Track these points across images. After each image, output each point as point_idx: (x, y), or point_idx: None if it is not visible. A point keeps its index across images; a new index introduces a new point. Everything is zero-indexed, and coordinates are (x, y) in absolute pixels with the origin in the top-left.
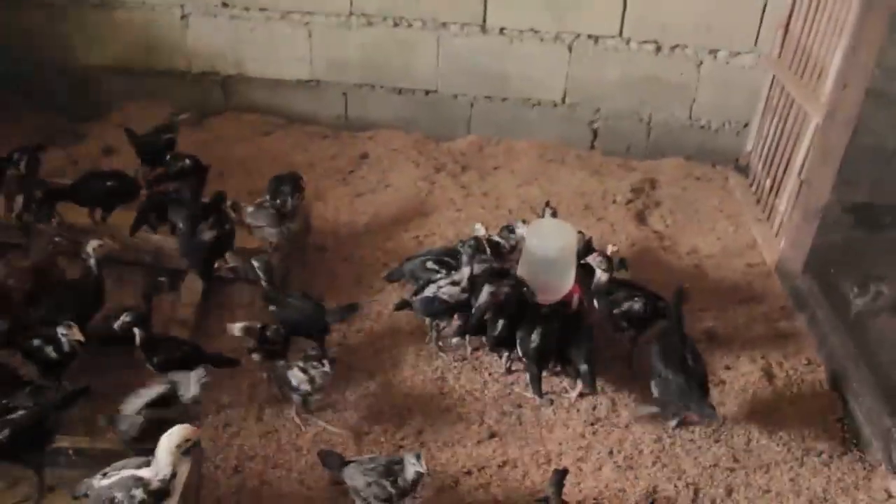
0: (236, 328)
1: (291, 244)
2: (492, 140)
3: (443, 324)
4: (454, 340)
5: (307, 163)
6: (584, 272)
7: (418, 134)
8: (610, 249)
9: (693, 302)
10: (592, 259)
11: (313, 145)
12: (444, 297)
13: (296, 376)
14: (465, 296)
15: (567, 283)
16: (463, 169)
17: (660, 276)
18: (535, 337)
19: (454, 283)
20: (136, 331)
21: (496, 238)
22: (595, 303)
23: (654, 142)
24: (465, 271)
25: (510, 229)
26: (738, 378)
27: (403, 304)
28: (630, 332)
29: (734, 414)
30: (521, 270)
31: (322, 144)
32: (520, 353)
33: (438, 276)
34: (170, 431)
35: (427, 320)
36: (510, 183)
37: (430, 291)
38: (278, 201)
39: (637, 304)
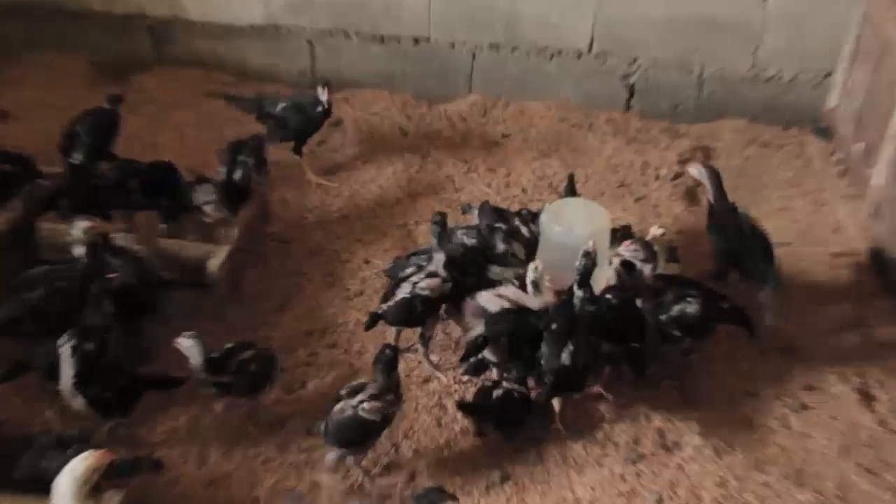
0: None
1: (245, 236)
2: (499, 101)
3: (430, 331)
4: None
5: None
6: (623, 270)
7: (406, 94)
8: (653, 233)
9: (755, 299)
10: (626, 249)
11: None
12: (425, 293)
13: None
14: (448, 284)
15: (599, 278)
16: (463, 138)
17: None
18: (565, 356)
19: (432, 275)
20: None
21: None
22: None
23: (708, 100)
24: (439, 258)
25: (528, 216)
26: (825, 402)
27: (374, 319)
28: (683, 343)
29: (822, 449)
30: (538, 258)
31: None
32: (543, 373)
33: (409, 270)
34: (70, 467)
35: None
36: (523, 156)
37: (404, 292)
38: (238, 174)
39: (692, 307)
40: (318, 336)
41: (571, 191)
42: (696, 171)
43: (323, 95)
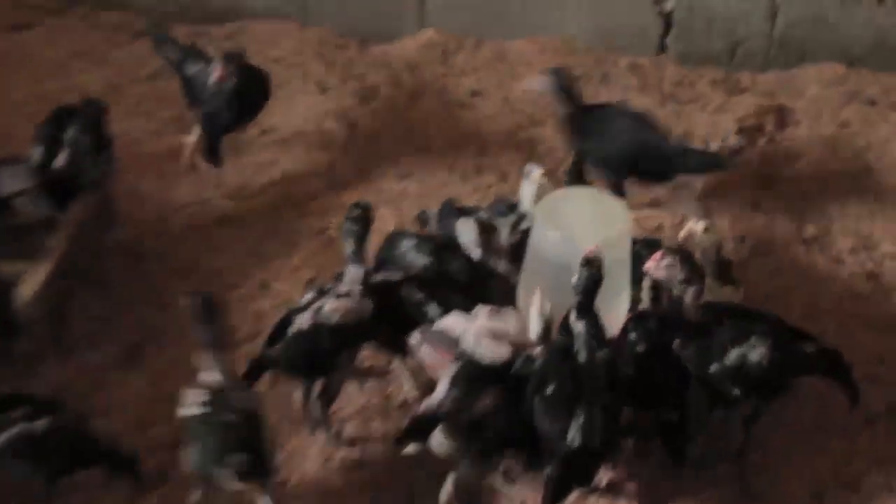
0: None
1: (75, 247)
2: (466, 40)
3: (338, 385)
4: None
5: (105, 86)
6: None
7: (324, 29)
8: (691, 231)
9: (858, 341)
10: (656, 265)
11: (116, 52)
12: (332, 320)
13: None
14: (368, 306)
15: (615, 313)
16: (412, 97)
17: (799, 295)
18: (573, 434)
19: (342, 296)
20: None
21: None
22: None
23: (784, 37)
24: (355, 272)
25: (505, 208)
26: None
27: (258, 367)
28: (745, 406)
29: None
30: (524, 285)
31: (134, 51)
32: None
33: (307, 297)
34: None
35: (305, 384)
36: (503, 124)
37: (303, 322)
38: (64, 157)
39: (757, 351)
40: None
41: (577, 177)
42: (538, 83)
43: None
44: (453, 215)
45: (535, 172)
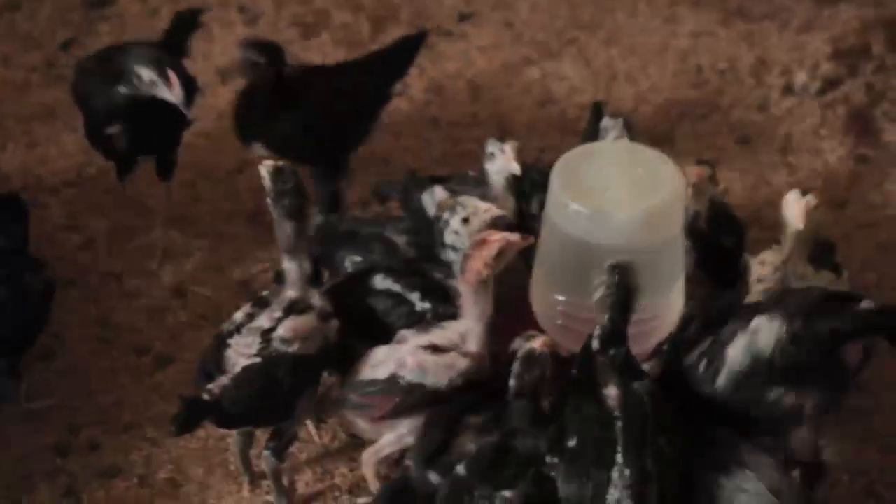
0: None
1: None
2: None
3: (293, 428)
4: None
5: None
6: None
7: None
8: (796, 205)
9: None
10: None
11: None
12: (292, 348)
13: None
14: (334, 324)
15: (667, 313)
16: (377, 24)
17: None
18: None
19: (298, 308)
20: None
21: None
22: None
23: None
24: (296, 271)
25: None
26: None
27: (194, 416)
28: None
29: None
30: (538, 275)
31: None
32: None
33: (242, 312)
34: None
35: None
36: (501, 56)
37: (248, 349)
38: None
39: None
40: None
41: (598, 132)
42: None
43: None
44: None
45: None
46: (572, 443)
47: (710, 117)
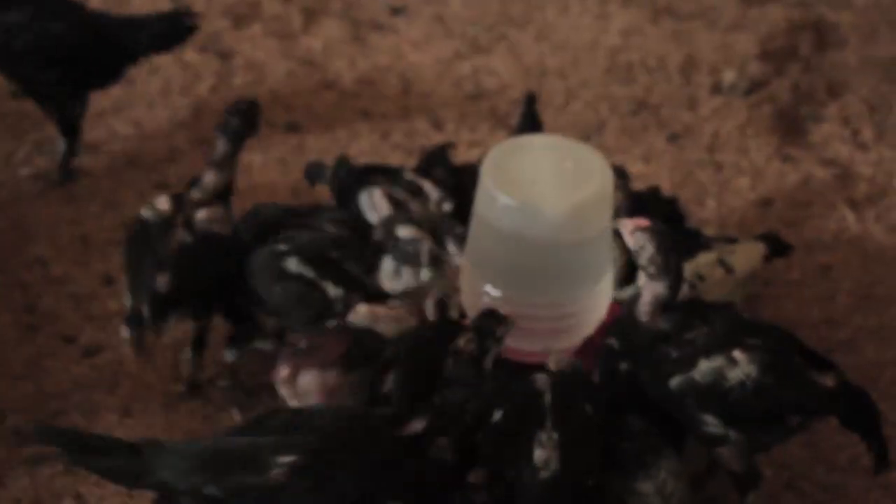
0: None
1: None
2: None
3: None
4: None
5: None
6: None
7: None
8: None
9: None
10: (632, 229)
11: None
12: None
13: None
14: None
15: (595, 307)
16: (309, 16)
17: (846, 277)
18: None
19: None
20: None
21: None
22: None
23: None
24: (213, 180)
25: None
26: None
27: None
28: (722, 447)
29: None
30: (467, 267)
31: None
32: None
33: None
34: None
35: None
36: (433, 50)
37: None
38: None
39: (744, 368)
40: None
41: (531, 123)
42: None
43: None
44: (355, 181)
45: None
46: (497, 416)
47: (640, 114)
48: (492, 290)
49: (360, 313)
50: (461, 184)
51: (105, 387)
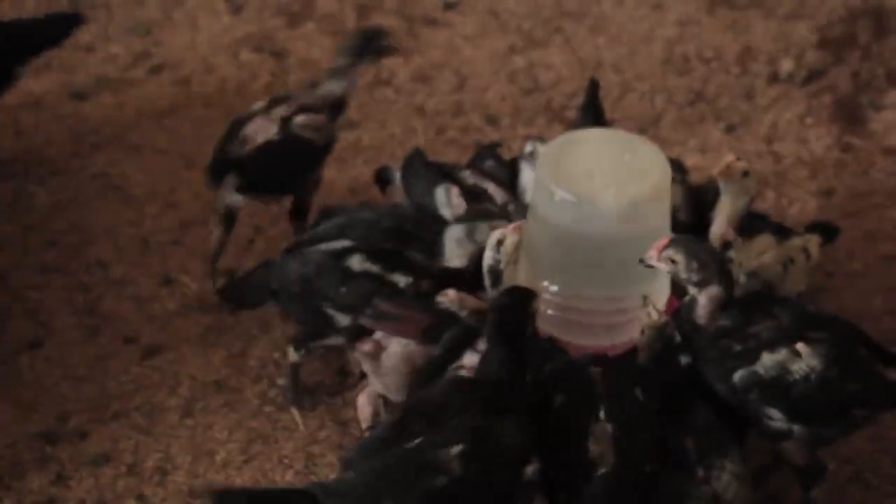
0: None
1: None
2: None
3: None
4: None
5: None
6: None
7: None
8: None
9: None
10: (658, 258)
11: None
12: (306, 134)
13: None
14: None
15: (656, 296)
16: (362, 12)
17: None
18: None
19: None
20: None
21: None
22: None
23: None
24: (333, 89)
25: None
26: None
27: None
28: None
29: None
30: (524, 264)
31: None
32: None
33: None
34: None
35: None
36: (488, 44)
37: (267, 133)
38: None
39: (808, 361)
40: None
41: (594, 114)
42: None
43: None
44: (424, 175)
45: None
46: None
47: (696, 105)
48: (548, 286)
49: (450, 296)
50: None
51: (166, 388)
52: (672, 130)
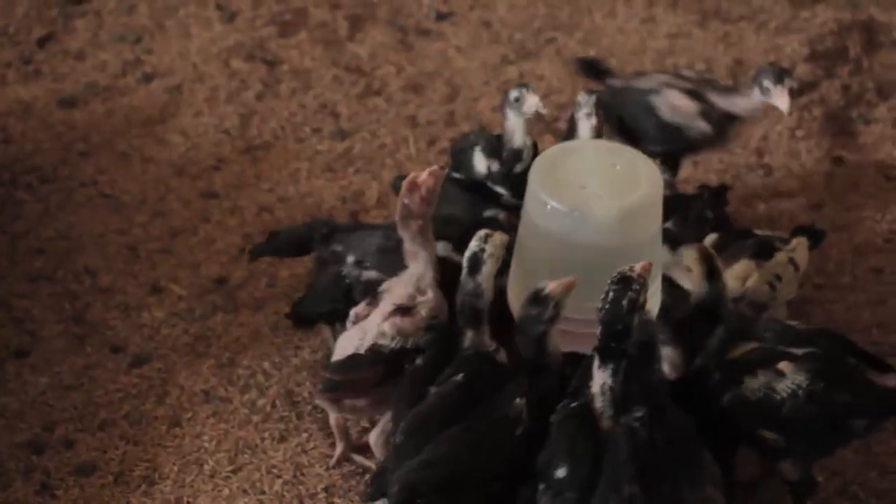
0: None
1: None
2: None
3: None
4: None
5: None
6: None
7: None
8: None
9: None
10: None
11: None
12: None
13: None
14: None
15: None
16: (354, 22)
17: (885, 285)
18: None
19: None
20: None
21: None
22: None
23: None
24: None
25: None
26: None
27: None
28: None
29: None
30: (515, 272)
31: None
32: None
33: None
34: None
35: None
36: (480, 56)
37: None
38: None
39: (792, 380)
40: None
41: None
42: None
43: None
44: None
45: (531, 99)
46: (560, 473)
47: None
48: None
49: (389, 333)
50: None
51: (154, 397)
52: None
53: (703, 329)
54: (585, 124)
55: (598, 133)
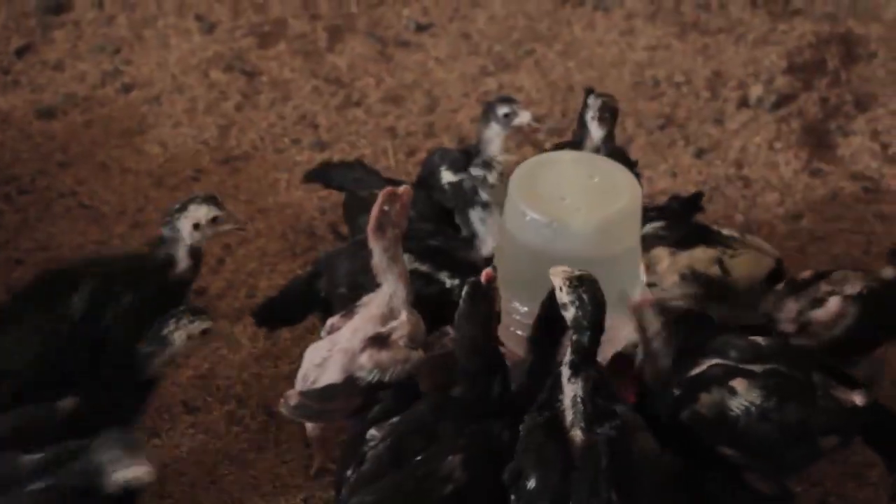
0: None
1: None
2: None
3: None
4: None
5: None
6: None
7: None
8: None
9: None
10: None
11: None
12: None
13: None
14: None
15: (625, 319)
16: (334, 33)
17: None
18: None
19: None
20: None
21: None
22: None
23: None
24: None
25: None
26: None
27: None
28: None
29: None
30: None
31: None
32: None
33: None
34: None
35: None
36: (460, 67)
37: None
38: None
39: (745, 398)
40: None
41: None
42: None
43: None
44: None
45: (523, 115)
46: (531, 484)
47: (666, 129)
48: (519, 306)
49: (366, 367)
50: None
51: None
52: (642, 154)
53: None
54: (595, 126)
55: (608, 136)
